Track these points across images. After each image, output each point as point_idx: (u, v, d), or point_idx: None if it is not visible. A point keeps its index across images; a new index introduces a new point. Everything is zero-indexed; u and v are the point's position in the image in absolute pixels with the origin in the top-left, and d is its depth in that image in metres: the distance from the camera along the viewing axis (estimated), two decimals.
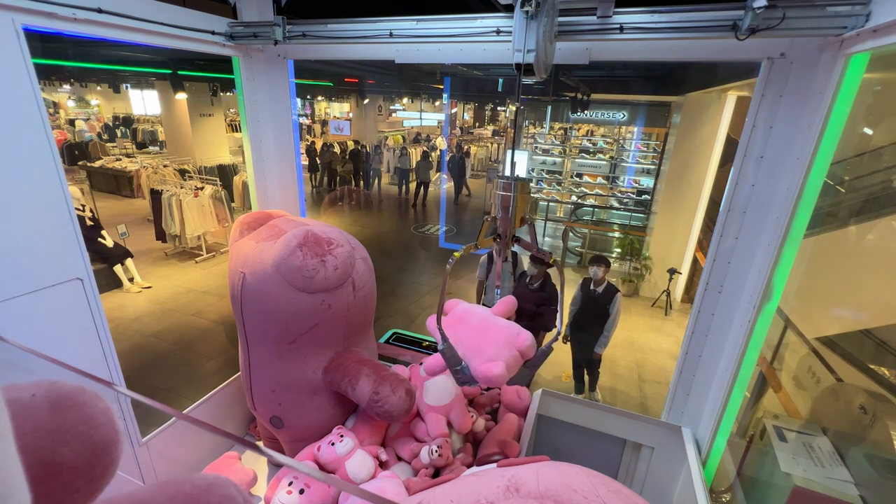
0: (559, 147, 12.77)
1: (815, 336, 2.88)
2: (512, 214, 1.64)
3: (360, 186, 14.82)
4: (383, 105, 20.02)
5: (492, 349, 1.58)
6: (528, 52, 1.59)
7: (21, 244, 1.72)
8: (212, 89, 12.18)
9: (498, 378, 1.49)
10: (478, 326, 1.71)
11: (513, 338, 1.62)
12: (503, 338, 1.62)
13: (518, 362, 1.61)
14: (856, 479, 2.00)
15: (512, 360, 1.57)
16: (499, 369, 1.49)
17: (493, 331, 1.66)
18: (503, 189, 1.63)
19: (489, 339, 1.63)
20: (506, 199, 1.63)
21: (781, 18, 1.61)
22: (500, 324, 1.71)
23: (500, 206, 1.64)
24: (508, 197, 1.62)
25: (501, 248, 1.74)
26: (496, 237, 1.71)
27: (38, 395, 0.61)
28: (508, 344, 1.60)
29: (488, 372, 1.50)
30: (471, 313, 1.81)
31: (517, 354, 1.60)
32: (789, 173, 1.88)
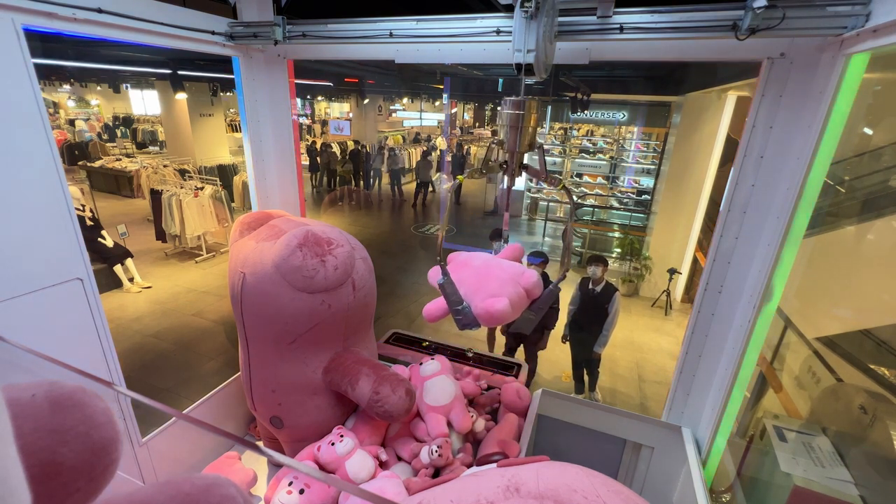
0: (559, 147, 12.76)
1: (815, 336, 2.88)
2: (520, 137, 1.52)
3: (360, 186, 14.82)
4: (383, 105, 20.02)
5: (494, 285, 1.48)
6: (528, 52, 1.56)
7: (21, 244, 1.72)
8: (212, 89, 12.19)
9: (500, 314, 1.38)
10: (481, 266, 1.61)
11: (517, 275, 1.52)
12: (507, 275, 1.51)
13: (523, 301, 1.49)
14: (856, 479, 2.00)
15: (516, 296, 1.45)
16: (501, 304, 1.39)
17: (497, 269, 1.55)
18: (512, 107, 1.50)
19: (492, 276, 1.52)
20: (514, 118, 1.50)
21: (781, 18, 1.61)
22: (504, 263, 1.60)
23: (509, 127, 1.53)
24: (518, 116, 1.50)
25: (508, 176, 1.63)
26: (502, 164, 1.61)
27: (38, 395, 0.61)
28: (513, 281, 1.49)
29: (490, 307, 1.40)
30: (474, 256, 1.71)
31: (522, 292, 1.49)
32: (789, 173, 1.88)
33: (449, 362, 2.84)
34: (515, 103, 1.50)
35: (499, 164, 1.61)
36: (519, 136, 1.51)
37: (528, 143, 1.55)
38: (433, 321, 1.68)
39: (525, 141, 1.53)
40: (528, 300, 1.51)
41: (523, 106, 1.49)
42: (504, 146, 1.58)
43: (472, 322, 1.47)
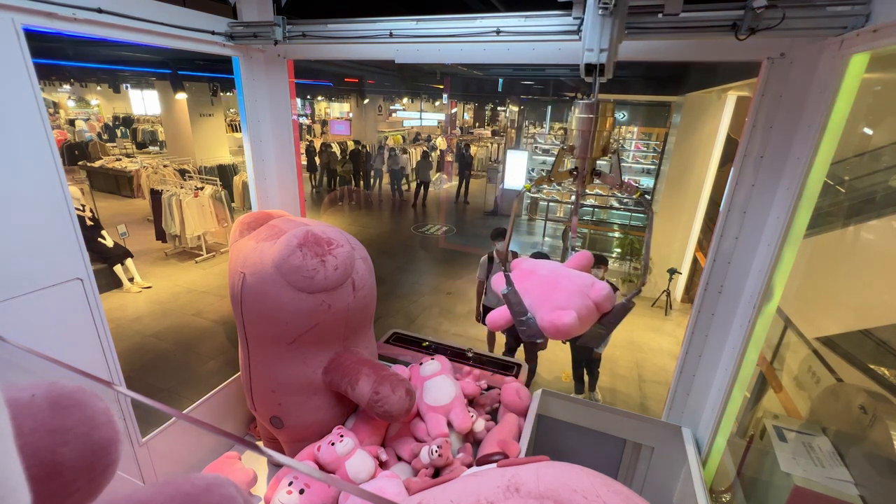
0: (559, 147, 12.74)
1: (815, 336, 2.88)
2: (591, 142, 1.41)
3: (360, 187, 14.82)
4: (383, 105, 20.03)
5: (561, 297, 1.39)
6: (602, 51, 1.44)
7: (21, 244, 1.72)
8: (212, 89, 12.19)
9: (568, 328, 1.29)
10: (547, 276, 1.51)
11: (586, 287, 1.42)
12: (575, 286, 1.42)
13: (592, 315, 1.41)
14: (856, 479, 2.00)
15: (584, 310, 1.37)
16: (569, 318, 1.30)
17: (565, 279, 1.46)
18: (585, 111, 1.40)
19: (559, 287, 1.43)
20: (586, 122, 1.39)
21: (781, 18, 1.60)
22: (572, 273, 1.50)
23: (580, 132, 1.43)
24: (590, 120, 1.38)
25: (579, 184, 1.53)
26: (573, 171, 1.51)
27: (38, 395, 0.61)
28: (581, 293, 1.40)
29: (557, 320, 1.31)
30: (540, 265, 1.61)
31: (591, 305, 1.39)
32: (789, 173, 1.88)
33: (449, 362, 2.84)
34: (588, 106, 1.39)
35: (568, 171, 1.52)
36: (591, 142, 1.42)
37: (601, 149, 1.45)
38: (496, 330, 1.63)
39: (598, 146, 1.44)
40: (598, 314, 1.43)
41: (596, 109, 1.39)
42: (574, 152, 1.48)
43: (537, 334, 1.40)
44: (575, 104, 1.45)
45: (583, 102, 1.41)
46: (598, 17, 1.41)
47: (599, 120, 1.39)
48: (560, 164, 1.52)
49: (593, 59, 1.46)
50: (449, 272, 8.33)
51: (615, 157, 1.51)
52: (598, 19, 1.42)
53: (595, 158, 1.47)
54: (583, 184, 1.52)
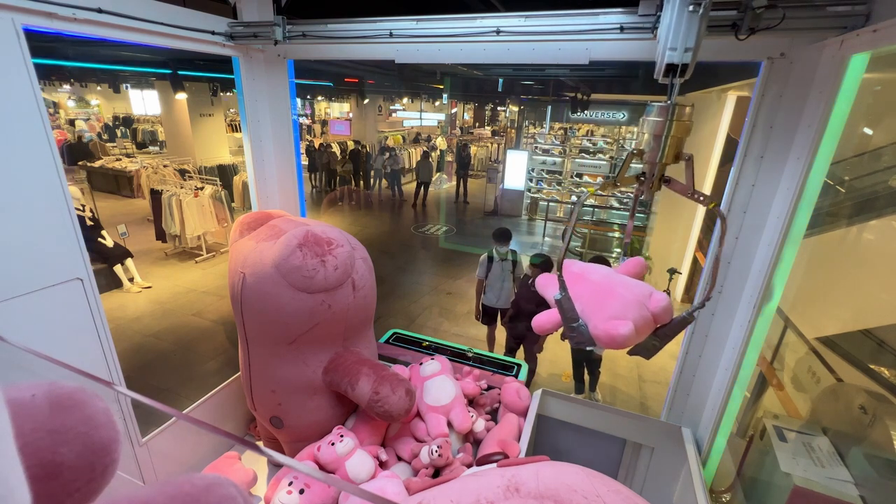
0: (559, 147, 12.76)
1: (815, 336, 2.88)
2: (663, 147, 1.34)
3: (360, 187, 14.82)
4: (383, 105, 20.02)
5: (617, 305, 1.33)
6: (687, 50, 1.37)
7: (21, 244, 1.72)
8: (212, 89, 12.19)
9: (624, 339, 1.24)
10: (601, 282, 1.45)
11: (644, 297, 1.36)
12: (633, 295, 1.35)
13: (648, 326, 1.35)
14: (856, 479, 2.00)
15: (642, 321, 1.30)
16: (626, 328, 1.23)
17: (621, 287, 1.40)
18: (659, 114, 1.34)
19: (615, 295, 1.37)
20: (659, 126, 1.33)
21: (781, 18, 1.61)
22: (628, 281, 1.43)
23: (651, 136, 1.36)
24: (662, 124, 1.32)
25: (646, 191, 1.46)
26: (640, 177, 1.45)
27: (38, 395, 0.61)
28: (639, 303, 1.33)
29: (612, 330, 1.26)
30: (592, 269, 1.55)
31: (648, 316, 1.32)
32: (789, 173, 1.88)
33: (449, 362, 2.84)
34: (663, 109, 1.33)
35: (636, 177, 1.46)
36: (662, 147, 1.35)
37: (673, 155, 1.37)
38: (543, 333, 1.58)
39: (670, 152, 1.37)
40: (655, 325, 1.37)
41: (671, 113, 1.31)
42: (644, 156, 1.41)
43: (588, 341, 1.34)
44: (648, 106, 1.38)
45: (657, 105, 1.35)
46: (685, 14, 1.33)
47: (675, 124, 1.33)
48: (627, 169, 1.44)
49: (677, 59, 1.38)
50: (449, 272, 8.33)
51: (689, 163, 1.43)
52: (684, 16, 1.33)
53: (665, 164, 1.41)
54: (650, 190, 1.45)
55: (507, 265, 4.75)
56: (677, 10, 1.35)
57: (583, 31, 2.00)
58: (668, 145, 1.35)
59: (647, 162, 1.41)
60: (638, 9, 1.85)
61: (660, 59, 1.43)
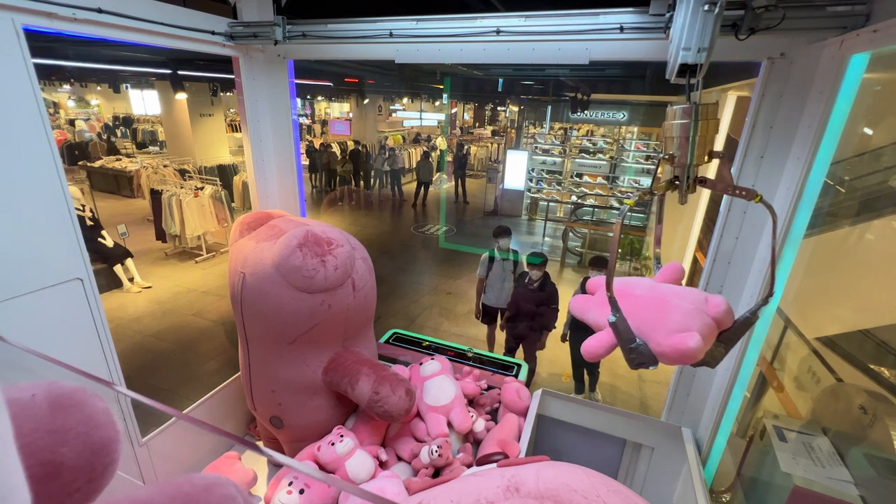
0: (559, 147, 12.77)
1: (815, 336, 2.88)
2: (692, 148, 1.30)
3: (360, 187, 14.83)
4: (383, 105, 20.02)
5: (677, 318, 1.25)
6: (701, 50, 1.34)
7: (21, 244, 1.71)
8: (212, 89, 12.19)
9: (694, 351, 1.17)
10: (650, 296, 1.37)
11: (701, 303, 1.29)
12: (689, 304, 1.28)
13: (713, 333, 1.28)
14: (856, 479, 2.00)
15: (706, 329, 1.24)
16: (694, 341, 1.16)
17: (674, 297, 1.31)
18: (683, 116, 1.30)
19: (670, 306, 1.29)
20: (683, 128, 1.30)
21: (781, 18, 1.61)
22: (678, 290, 1.35)
23: (679, 138, 1.32)
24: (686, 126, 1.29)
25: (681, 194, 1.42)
26: (673, 181, 1.40)
27: (38, 395, 0.61)
28: (698, 311, 1.26)
29: (680, 345, 1.18)
30: (634, 284, 1.47)
31: (711, 323, 1.26)
32: (789, 173, 1.88)
33: (449, 362, 2.84)
34: (686, 111, 1.29)
35: (669, 182, 1.42)
36: (692, 149, 1.32)
37: (703, 155, 1.34)
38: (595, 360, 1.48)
39: (700, 152, 1.33)
40: (718, 331, 1.31)
41: (695, 113, 1.28)
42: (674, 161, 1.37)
43: (650, 360, 1.28)
44: (670, 109, 1.35)
45: (680, 107, 1.32)
46: (699, 13, 1.32)
47: (701, 123, 1.30)
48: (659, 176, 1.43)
49: (691, 59, 1.36)
50: (449, 272, 8.33)
51: (723, 160, 1.39)
52: (698, 16, 1.32)
53: (698, 165, 1.37)
54: (684, 194, 1.41)
55: (509, 265, 4.75)
56: (691, 9, 1.33)
57: (583, 31, 2.00)
58: (696, 145, 1.32)
59: (679, 165, 1.37)
60: (648, 8, 1.84)
61: (672, 59, 1.41)
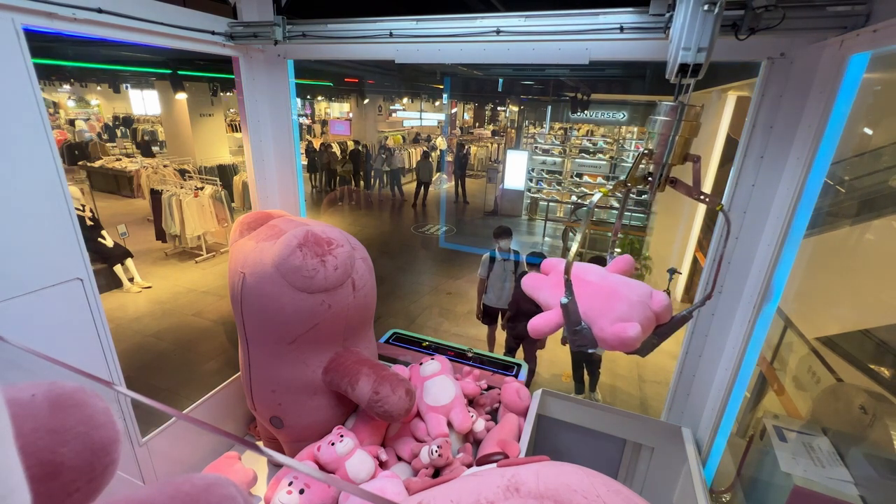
0: (559, 147, 12.76)
1: (815, 336, 2.88)
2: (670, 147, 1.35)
3: (360, 187, 14.82)
4: (383, 105, 20.02)
5: (623, 307, 1.34)
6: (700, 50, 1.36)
7: (21, 244, 1.72)
8: (212, 89, 12.19)
9: (633, 340, 1.26)
10: (600, 283, 1.45)
11: (646, 297, 1.38)
12: (636, 296, 1.38)
13: (651, 326, 1.37)
14: (856, 479, 2.00)
15: (646, 321, 1.34)
16: (634, 331, 1.26)
17: (623, 287, 1.41)
18: (668, 114, 1.34)
19: (619, 296, 1.38)
20: (667, 125, 1.34)
21: (781, 18, 1.61)
22: (628, 281, 1.45)
23: (658, 135, 1.37)
24: (670, 123, 1.33)
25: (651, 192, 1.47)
26: (647, 177, 1.45)
27: (38, 395, 0.61)
28: (642, 303, 1.36)
29: (622, 333, 1.27)
30: (587, 270, 1.54)
31: (652, 316, 1.36)
32: (789, 173, 1.88)
33: (449, 362, 2.84)
34: (672, 109, 1.34)
35: (643, 177, 1.47)
36: (669, 147, 1.36)
37: (680, 155, 1.39)
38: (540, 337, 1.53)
39: (678, 152, 1.38)
40: (656, 324, 1.40)
41: (680, 112, 1.32)
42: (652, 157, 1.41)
43: (590, 344, 1.36)
44: (658, 106, 1.38)
45: (667, 105, 1.35)
46: (699, 13, 1.33)
47: (683, 125, 1.34)
48: (637, 168, 1.45)
49: (690, 59, 1.37)
50: (449, 272, 8.33)
51: (696, 164, 1.44)
52: (698, 16, 1.34)
53: (672, 165, 1.42)
54: (654, 191, 1.46)
55: (510, 265, 4.75)
56: (691, 9, 1.34)
57: (583, 31, 2.00)
58: (675, 145, 1.35)
59: (655, 162, 1.41)
60: (648, 8, 1.84)
61: (672, 58, 1.42)
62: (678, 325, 1.42)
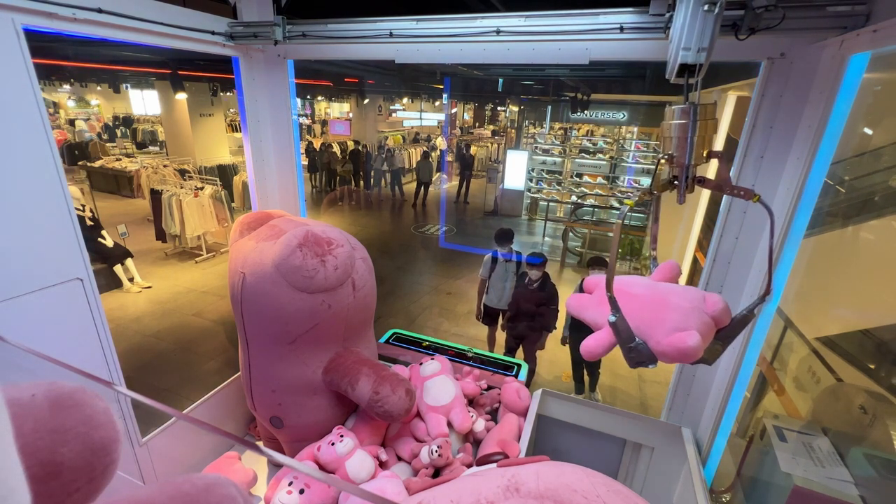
0: (559, 147, 12.76)
1: (815, 336, 2.88)
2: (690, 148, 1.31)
3: (360, 187, 14.82)
4: (383, 105, 20.02)
5: (677, 317, 1.26)
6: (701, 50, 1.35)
7: (21, 244, 1.72)
8: (212, 89, 12.20)
9: (693, 350, 1.17)
10: (648, 294, 1.37)
11: (699, 301, 1.29)
12: (688, 303, 1.29)
13: (711, 331, 1.28)
14: (856, 479, 2.00)
15: (705, 328, 1.24)
16: (693, 340, 1.17)
17: (673, 296, 1.32)
18: (682, 116, 1.31)
19: (669, 305, 1.29)
20: (683, 128, 1.31)
21: (781, 18, 1.61)
22: (677, 288, 1.36)
23: (677, 139, 1.34)
24: (685, 126, 1.30)
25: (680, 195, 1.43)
26: (672, 180, 1.42)
27: (38, 395, 0.61)
28: (696, 309, 1.27)
29: (680, 343, 1.19)
30: (632, 282, 1.48)
31: (710, 321, 1.26)
32: (789, 173, 1.88)
33: (449, 362, 2.84)
34: (684, 111, 1.31)
35: (668, 181, 1.43)
36: (690, 149, 1.33)
37: (702, 154, 1.35)
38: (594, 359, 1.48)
39: (699, 152, 1.34)
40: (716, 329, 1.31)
41: (693, 113, 1.30)
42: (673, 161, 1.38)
43: (649, 359, 1.28)
44: (668, 109, 1.36)
45: (678, 108, 1.33)
46: (699, 13, 1.33)
47: (700, 124, 1.31)
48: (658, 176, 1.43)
49: (691, 59, 1.36)
50: (449, 272, 8.33)
51: (722, 159, 1.40)
52: (698, 16, 1.33)
53: (696, 165, 1.39)
54: (683, 194, 1.43)
55: (512, 266, 4.75)
56: (691, 9, 1.34)
57: (583, 31, 2.00)
58: (696, 145, 1.33)
59: (678, 165, 1.38)
60: (648, 8, 1.84)
61: (672, 59, 1.42)
62: (739, 326, 1.34)
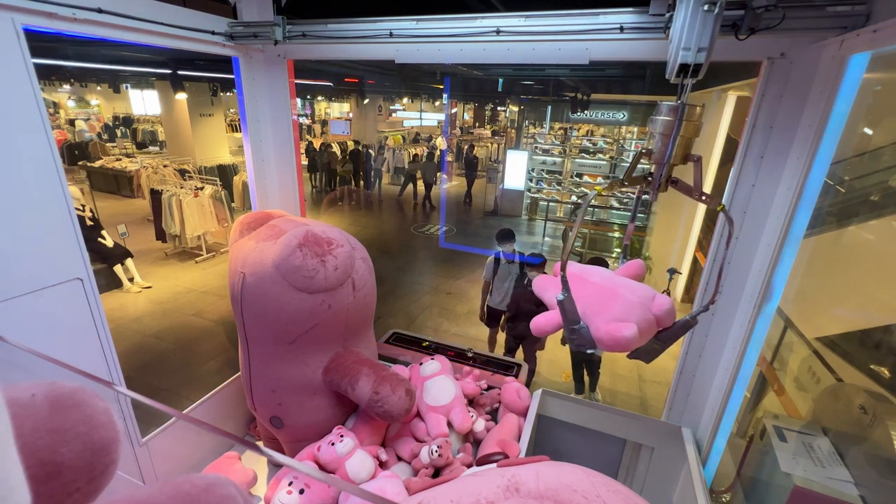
0: (559, 147, 12.77)
1: (815, 336, 2.88)
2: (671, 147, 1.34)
3: (360, 187, 14.82)
4: (383, 105, 20.02)
5: (621, 308, 1.31)
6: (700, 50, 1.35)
7: (21, 244, 1.72)
8: (212, 89, 12.20)
9: (627, 341, 1.23)
10: (602, 284, 1.43)
11: (647, 299, 1.35)
12: (636, 297, 1.34)
13: (651, 330, 1.33)
14: (856, 479, 2.00)
15: (645, 323, 1.29)
16: (629, 331, 1.22)
17: (624, 289, 1.38)
18: (669, 114, 1.33)
19: (618, 297, 1.35)
20: (668, 125, 1.33)
21: (781, 18, 1.61)
22: (630, 283, 1.42)
23: (660, 135, 1.36)
24: (671, 123, 1.32)
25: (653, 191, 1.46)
26: (647, 177, 1.44)
27: (38, 395, 0.61)
28: (642, 305, 1.32)
29: (615, 332, 1.24)
30: (592, 271, 1.53)
31: (651, 319, 1.32)
32: (789, 173, 1.88)
33: (449, 362, 2.84)
34: (673, 109, 1.33)
35: (643, 177, 1.46)
36: (671, 147, 1.35)
37: (681, 155, 1.38)
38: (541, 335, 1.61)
39: (679, 152, 1.36)
40: (657, 328, 1.36)
41: (681, 112, 1.31)
42: (651, 156, 1.40)
43: (588, 344, 1.33)
44: (658, 105, 1.38)
45: (667, 105, 1.34)
46: (699, 13, 1.33)
47: (685, 125, 1.33)
48: (634, 168, 1.44)
49: (690, 59, 1.37)
50: (449, 272, 8.33)
51: (697, 164, 1.43)
52: (698, 16, 1.33)
53: (673, 165, 1.41)
54: (656, 191, 1.45)
55: (514, 267, 4.74)
56: (691, 9, 1.34)
57: (583, 31, 2.00)
58: (676, 145, 1.35)
59: (655, 162, 1.40)
60: (648, 8, 1.84)
61: (672, 58, 1.42)
62: (681, 331, 1.40)
